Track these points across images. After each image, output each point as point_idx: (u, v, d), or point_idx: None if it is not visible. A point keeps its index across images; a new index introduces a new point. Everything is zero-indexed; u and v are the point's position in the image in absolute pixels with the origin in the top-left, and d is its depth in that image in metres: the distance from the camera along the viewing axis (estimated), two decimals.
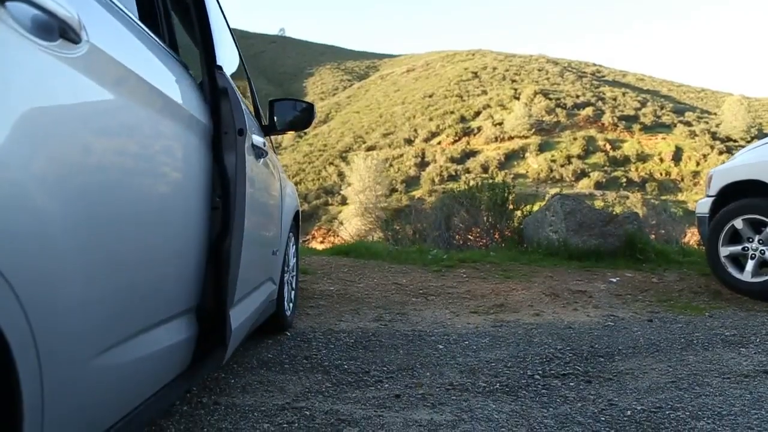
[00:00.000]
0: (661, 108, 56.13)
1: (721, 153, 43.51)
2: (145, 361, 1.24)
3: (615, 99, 56.91)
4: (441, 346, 3.00)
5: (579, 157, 46.72)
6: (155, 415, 1.46)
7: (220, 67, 1.58)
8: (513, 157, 47.55)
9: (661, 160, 47.11)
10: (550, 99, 54.81)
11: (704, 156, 45.76)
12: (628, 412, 2.09)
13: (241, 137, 1.52)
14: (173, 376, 1.46)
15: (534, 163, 46.47)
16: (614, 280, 4.67)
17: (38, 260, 0.84)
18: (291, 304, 3.29)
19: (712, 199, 4.60)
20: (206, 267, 1.51)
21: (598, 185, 42.02)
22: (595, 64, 74.11)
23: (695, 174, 44.13)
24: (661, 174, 45.64)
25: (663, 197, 38.85)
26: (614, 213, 5.91)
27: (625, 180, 43.80)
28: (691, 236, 10.44)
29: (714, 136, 49.50)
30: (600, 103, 55.35)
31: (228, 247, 1.50)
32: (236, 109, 1.54)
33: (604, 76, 67.76)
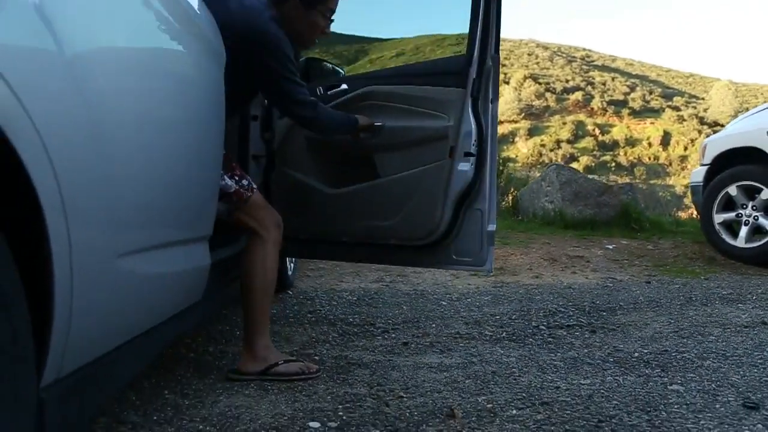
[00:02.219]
0: (650, 93, 56.32)
1: (708, 137, 43.77)
2: (164, 278, 1.23)
3: (604, 84, 56.99)
4: (444, 303, 3.01)
5: (568, 141, 46.82)
6: (171, 338, 1.45)
7: (498, 53, 2.06)
8: (502, 141, 47.50)
9: (650, 144, 47.34)
10: (540, 83, 54.72)
11: (692, 141, 46.00)
12: (636, 354, 2.11)
13: (493, 105, 2.07)
14: (188, 303, 1.45)
15: (524, 148, 46.52)
16: (610, 246, 4.71)
17: (83, 147, 0.83)
18: (292, 264, 3.28)
19: (707, 167, 4.63)
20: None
21: (588, 169, 42.13)
22: (584, 49, 74.02)
23: (683, 158, 44.44)
24: (649, 158, 45.91)
25: (651, 181, 39.10)
26: (609, 183, 5.94)
27: (614, 164, 44.00)
28: (681, 216, 10.53)
29: (702, 120, 49.79)
30: (589, 87, 55.38)
31: (481, 179, 2.04)
32: (494, 87, 2.07)
33: (593, 61, 67.78)
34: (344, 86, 2.23)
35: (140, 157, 1.05)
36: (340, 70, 2.80)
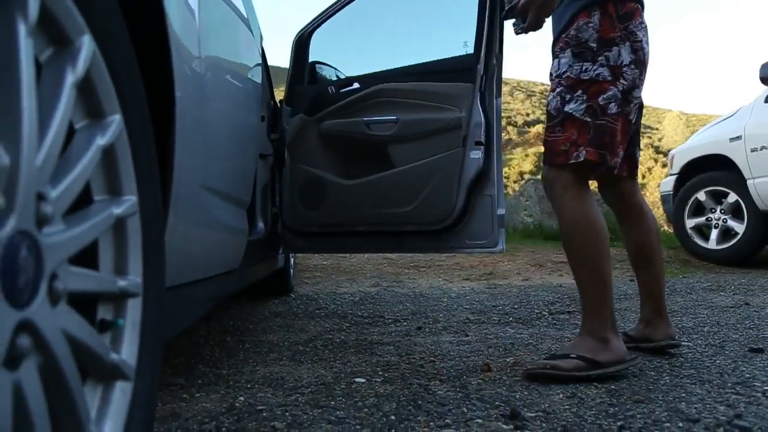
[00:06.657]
0: None
1: (664, 165, 45.52)
2: (220, 227, 1.30)
3: None
4: (445, 300, 3.10)
5: (531, 172, 48.05)
6: (217, 295, 1.50)
7: (502, 53, 2.25)
8: None
9: None
10: (502, 117, 56.38)
11: (649, 169, 47.88)
12: None
13: (497, 100, 2.27)
14: (230, 267, 1.50)
15: None
16: None
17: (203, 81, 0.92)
18: (292, 269, 3.32)
19: (675, 176, 4.90)
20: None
21: None
22: (543, 84, 76.89)
23: (642, 186, 46.03)
24: None
25: None
26: None
27: None
28: None
29: (657, 149, 52.04)
30: None
31: (490, 166, 2.20)
32: (497, 84, 2.27)
33: None
34: (356, 85, 2.35)
35: (224, 109, 1.15)
36: (342, 74, 2.93)
